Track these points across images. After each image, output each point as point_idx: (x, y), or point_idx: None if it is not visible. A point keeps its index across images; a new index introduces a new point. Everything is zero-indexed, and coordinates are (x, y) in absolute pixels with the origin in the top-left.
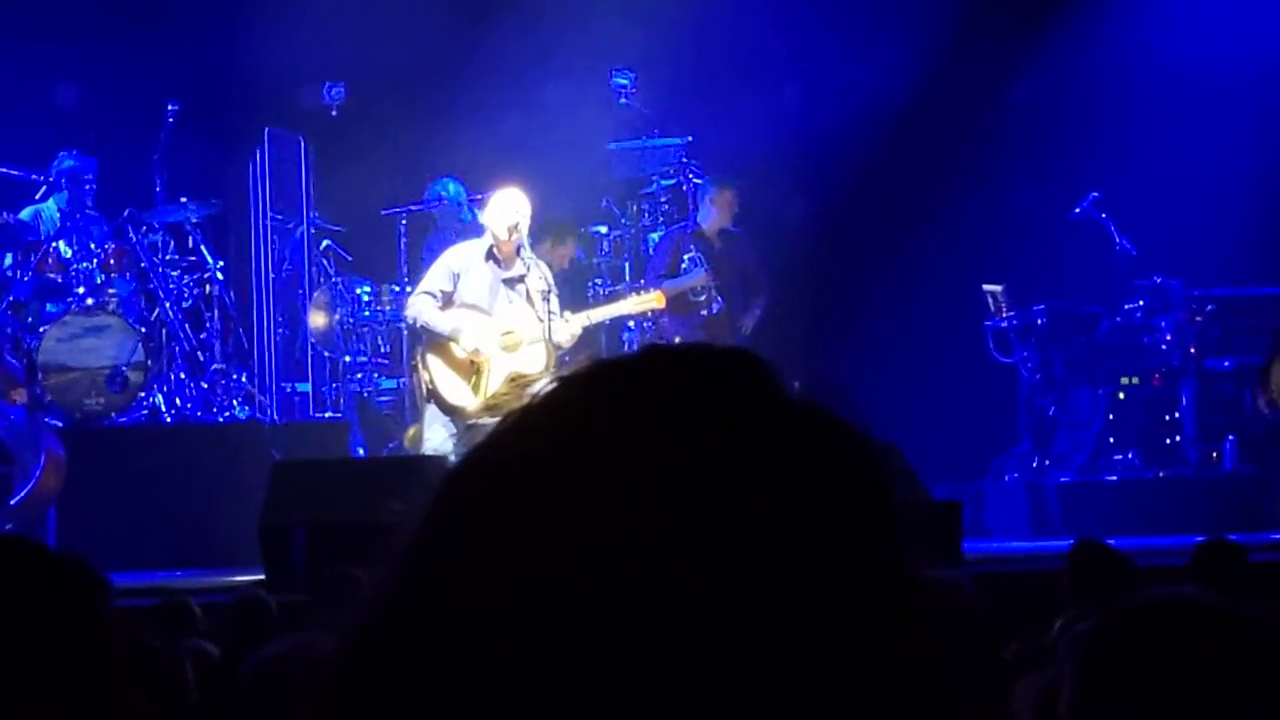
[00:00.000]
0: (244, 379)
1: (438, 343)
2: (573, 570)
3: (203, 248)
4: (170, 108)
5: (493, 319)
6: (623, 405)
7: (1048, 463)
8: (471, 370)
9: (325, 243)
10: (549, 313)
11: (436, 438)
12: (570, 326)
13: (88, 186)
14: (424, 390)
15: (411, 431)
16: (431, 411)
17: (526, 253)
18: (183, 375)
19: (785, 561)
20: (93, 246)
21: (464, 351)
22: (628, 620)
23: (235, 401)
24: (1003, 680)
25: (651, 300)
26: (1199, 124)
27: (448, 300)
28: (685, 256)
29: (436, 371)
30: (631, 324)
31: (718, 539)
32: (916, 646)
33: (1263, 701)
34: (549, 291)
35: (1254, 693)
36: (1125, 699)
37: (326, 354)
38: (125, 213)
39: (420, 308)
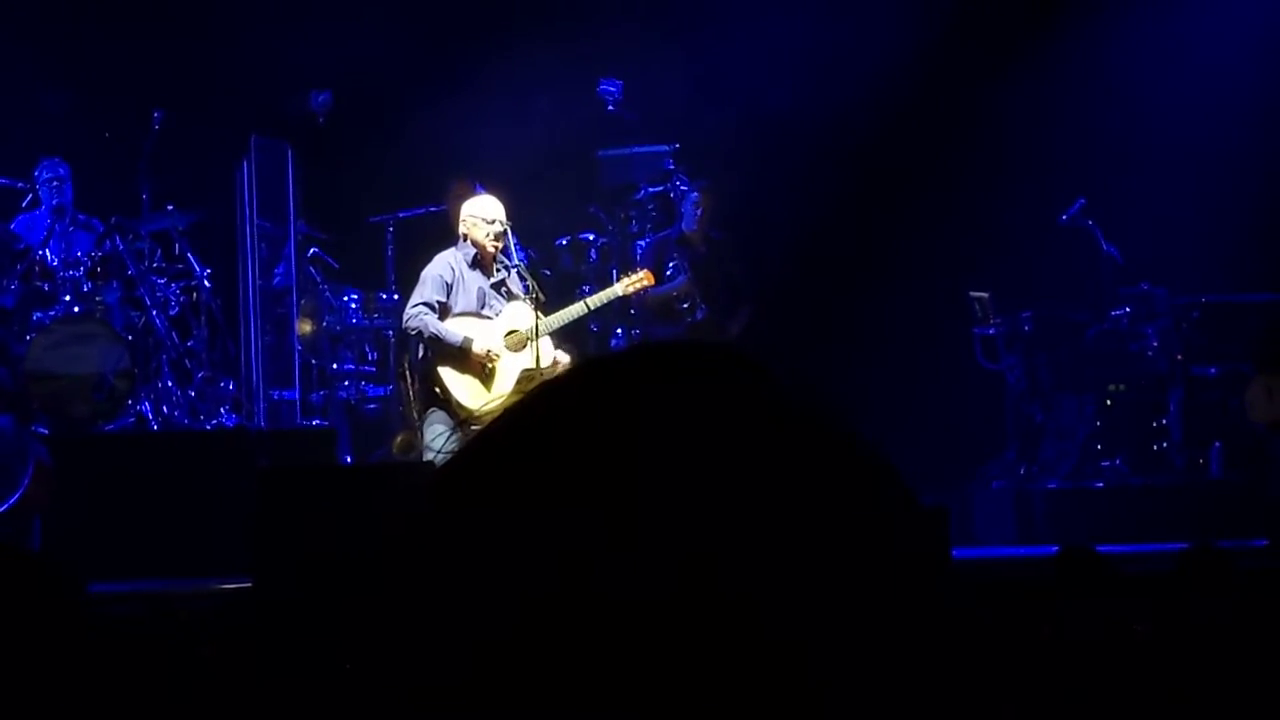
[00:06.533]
0: (231, 386)
1: (446, 351)
2: (570, 569)
3: (189, 255)
4: (157, 115)
5: (494, 321)
6: (614, 402)
7: (1035, 469)
8: (484, 373)
9: (312, 250)
10: (537, 308)
11: (434, 435)
12: (559, 357)
13: (66, 189)
14: (416, 400)
15: (399, 439)
16: (433, 415)
17: (501, 256)
18: (170, 383)
19: (789, 555)
20: (79, 254)
21: (479, 354)
22: (630, 619)
23: (222, 409)
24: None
25: (640, 279)
26: (1187, 130)
27: (442, 310)
28: (669, 263)
29: (449, 379)
30: (619, 331)
31: (717, 534)
32: (933, 637)
33: None
34: (532, 289)
35: None
36: None
37: (313, 361)
38: (112, 221)
39: (424, 319)
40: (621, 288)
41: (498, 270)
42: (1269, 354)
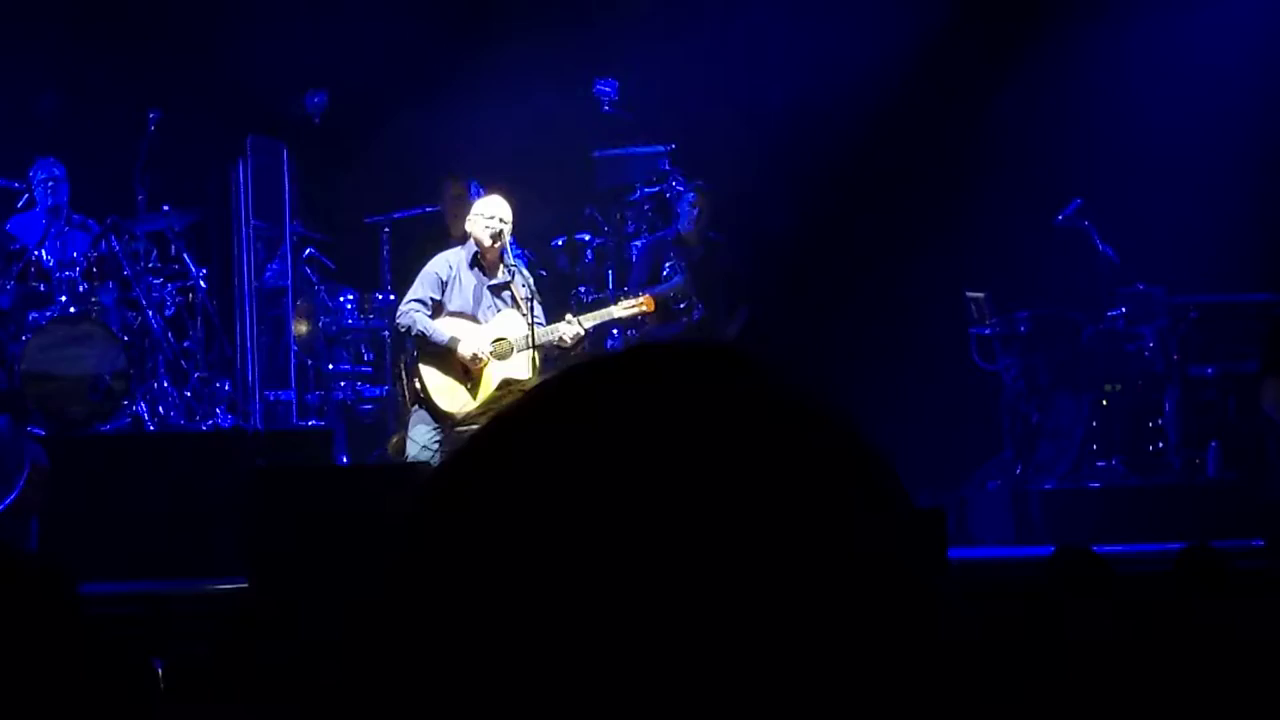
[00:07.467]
0: (227, 387)
1: (432, 350)
2: (568, 571)
3: (185, 256)
4: (152, 115)
5: (484, 326)
6: (613, 402)
7: (1031, 470)
8: (467, 377)
9: (308, 251)
10: (533, 319)
11: (421, 439)
12: (574, 326)
13: (62, 189)
14: (407, 397)
15: (395, 440)
16: (417, 414)
17: (509, 259)
18: (166, 383)
19: (788, 556)
20: (75, 255)
21: (464, 357)
22: (627, 621)
23: (218, 410)
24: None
25: (640, 304)
26: (1182, 131)
27: (436, 309)
28: (666, 264)
29: (430, 379)
30: (615, 331)
31: (717, 535)
32: (930, 639)
33: None
34: (532, 298)
35: None
36: None
37: (309, 362)
38: (108, 221)
39: (414, 316)
40: (620, 309)
41: (503, 272)
42: None
